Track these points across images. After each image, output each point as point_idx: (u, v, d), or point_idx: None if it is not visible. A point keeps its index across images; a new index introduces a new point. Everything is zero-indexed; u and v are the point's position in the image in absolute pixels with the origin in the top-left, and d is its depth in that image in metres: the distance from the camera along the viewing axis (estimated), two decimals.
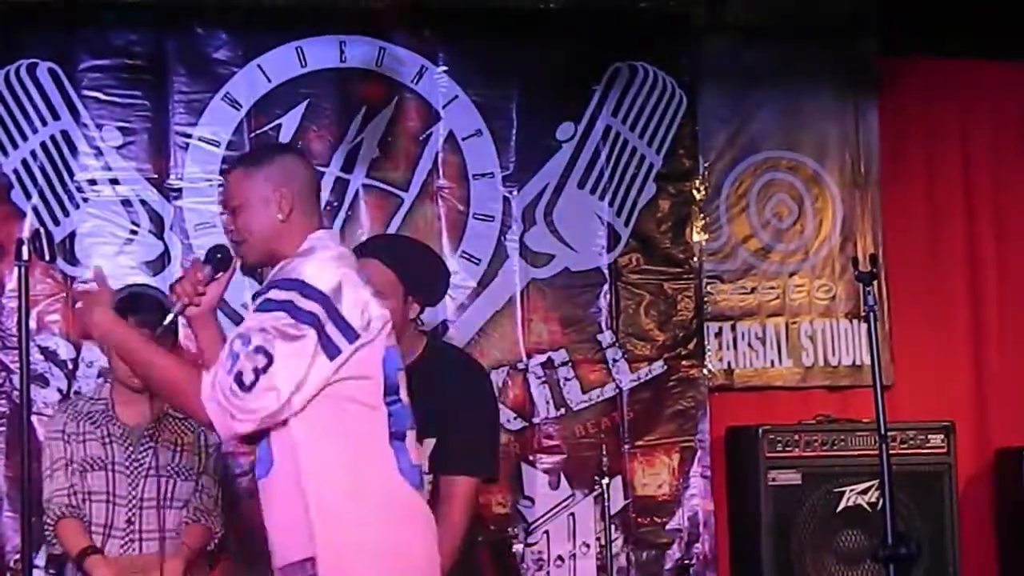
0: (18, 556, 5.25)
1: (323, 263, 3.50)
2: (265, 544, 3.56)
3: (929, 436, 6.00)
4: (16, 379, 5.42)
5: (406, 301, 4.26)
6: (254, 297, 3.59)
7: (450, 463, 4.21)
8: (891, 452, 4.70)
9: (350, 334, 3.43)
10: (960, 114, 6.66)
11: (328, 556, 3.39)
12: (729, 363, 6.39)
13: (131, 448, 4.55)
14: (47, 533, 4.51)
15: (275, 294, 3.44)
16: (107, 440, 4.56)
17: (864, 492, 5.83)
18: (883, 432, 4.62)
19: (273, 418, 3.38)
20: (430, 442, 4.17)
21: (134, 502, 4.51)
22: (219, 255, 3.69)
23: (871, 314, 4.66)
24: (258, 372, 3.34)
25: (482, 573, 4.42)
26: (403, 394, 3.59)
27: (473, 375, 4.47)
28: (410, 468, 3.53)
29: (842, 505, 5.88)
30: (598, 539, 5.98)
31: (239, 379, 3.35)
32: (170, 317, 3.70)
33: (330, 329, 3.41)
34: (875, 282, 4.82)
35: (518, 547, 5.80)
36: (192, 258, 3.80)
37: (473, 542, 4.31)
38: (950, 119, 6.65)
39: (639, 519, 6.11)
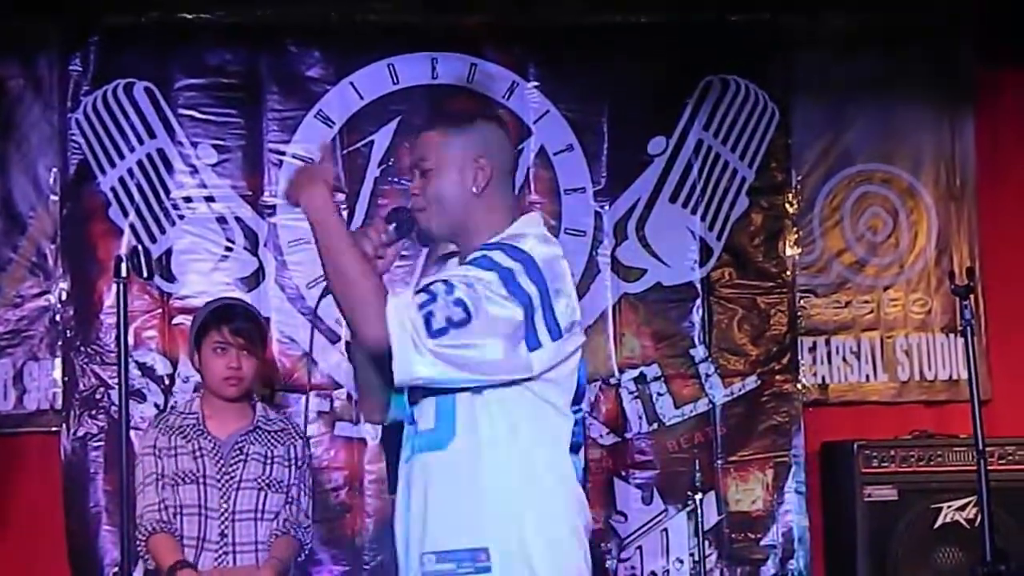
0: (116, 570, 5.32)
1: (550, 249, 3.29)
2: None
3: None
4: (114, 395, 5.52)
5: None
6: (465, 256, 3.34)
7: None
8: (989, 468, 4.65)
9: (555, 331, 3.24)
10: None
11: (504, 551, 3.22)
12: (823, 378, 6.34)
13: (222, 461, 4.59)
14: (139, 548, 4.56)
15: (499, 256, 3.21)
16: (198, 454, 4.60)
17: (962, 508, 5.76)
18: (981, 447, 4.58)
19: (452, 378, 3.17)
20: None
21: (227, 515, 4.55)
22: (403, 217, 3.42)
23: (968, 328, 4.62)
24: (451, 322, 3.12)
25: None
26: (585, 404, 3.47)
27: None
28: (584, 478, 3.41)
29: (939, 522, 5.81)
30: (691, 555, 5.94)
31: (427, 320, 3.11)
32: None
33: (538, 319, 3.20)
34: (972, 295, 4.78)
35: (611, 562, 5.78)
36: (377, 219, 3.64)
37: None
38: None
39: (733, 535, 6.08)
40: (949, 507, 5.80)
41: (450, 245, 3.50)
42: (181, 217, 5.83)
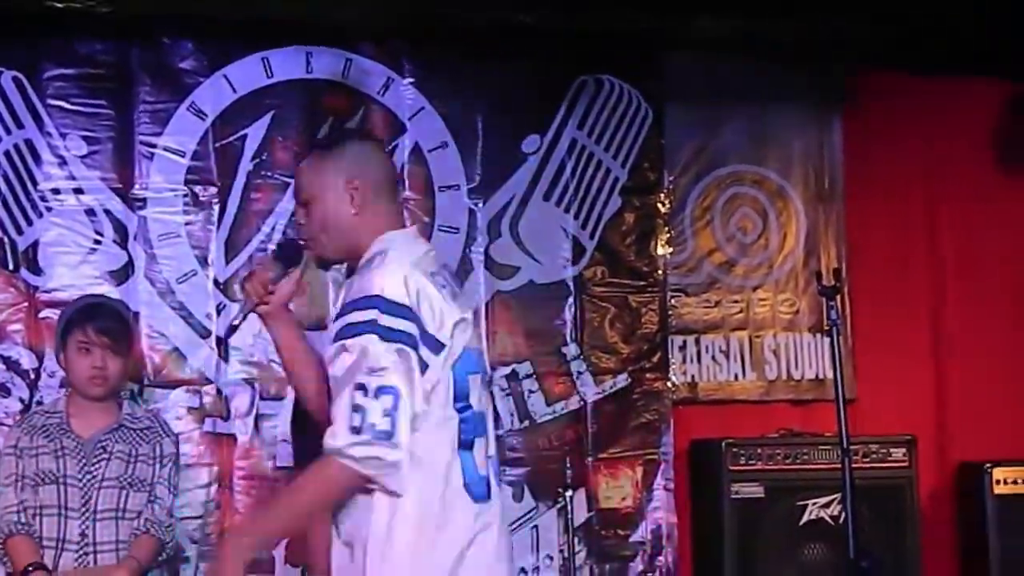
0: None
1: (395, 272, 3.33)
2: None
3: (891, 450, 6.02)
4: None
5: None
6: (336, 322, 3.39)
7: None
8: (853, 466, 4.73)
9: (436, 346, 3.31)
10: (924, 129, 6.68)
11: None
12: (693, 376, 6.40)
13: (84, 460, 4.52)
14: None
15: (356, 316, 3.28)
16: (60, 453, 4.53)
17: (827, 505, 5.85)
18: (846, 446, 4.65)
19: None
20: None
21: (87, 514, 4.49)
22: (289, 250, 3.59)
23: (834, 328, 4.69)
24: (392, 413, 3.21)
25: None
26: (474, 400, 3.44)
27: None
28: (477, 480, 3.40)
29: (805, 518, 5.90)
30: (561, 551, 5.97)
31: (374, 431, 3.20)
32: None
33: (422, 346, 3.28)
34: (838, 296, 4.85)
35: None
36: (260, 255, 3.67)
37: None
38: (915, 134, 6.67)
39: (602, 531, 6.11)
40: (814, 504, 5.88)
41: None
42: (49, 209, 5.72)
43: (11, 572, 4.54)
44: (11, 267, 5.63)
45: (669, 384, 6.26)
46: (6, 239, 5.65)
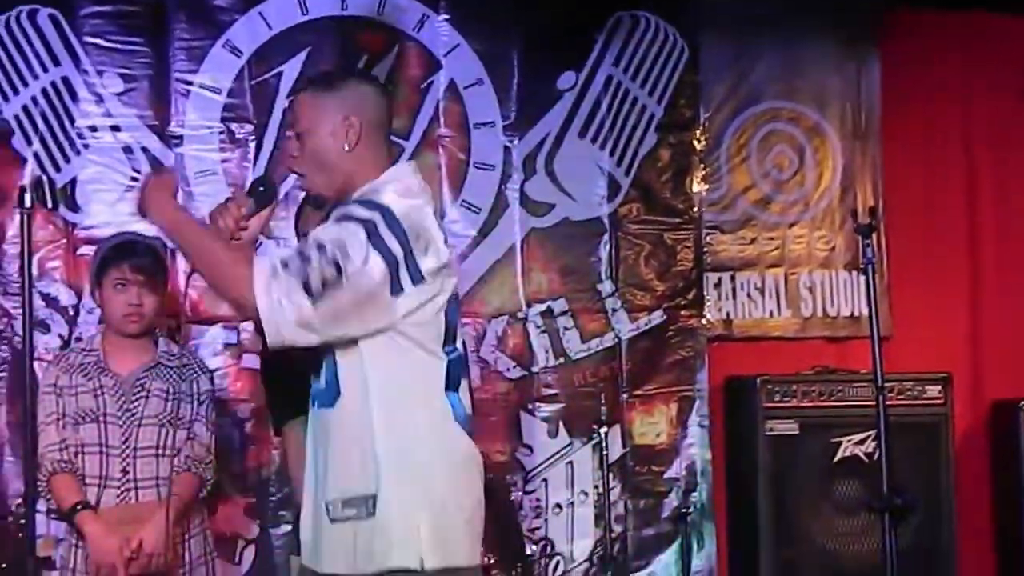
0: (19, 501, 5.28)
1: (406, 197, 3.41)
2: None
3: (926, 387, 6.02)
4: (18, 325, 5.45)
5: None
6: (335, 210, 3.46)
7: None
8: (888, 403, 4.73)
9: (417, 276, 3.36)
10: (962, 66, 6.65)
11: (390, 497, 3.36)
12: (728, 313, 6.41)
13: (123, 398, 4.55)
14: (40, 488, 4.51)
15: (358, 211, 3.35)
16: (99, 392, 4.56)
17: (861, 443, 5.86)
18: (880, 383, 4.65)
19: (327, 340, 3.31)
20: None
21: (128, 451, 4.52)
22: (262, 188, 3.60)
23: (869, 266, 4.68)
24: (327, 284, 3.25)
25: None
26: (459, 342, 3.54)
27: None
28: (464, 418, 3.50)
29: (839, 455, 5.91)
30: (596, 487, 6.01)
31: (307, 286, 3.25)
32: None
33: (401, 267, 3.33)
34: (874, 234, 4.84)
35: (516, 494, 5.83)
36: (235, 190, 3.70)
37: None
38: (952, 71, 6.64)
39: (637, 468, 6.14)
40: (849, 441, 5.90)
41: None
42: (86, 146, 5.74)
43: (55, 508, 4.59)
44: (49, 204, 5.61)
45: (704, 321, 6.27)
46: (44, 177, 5.67)
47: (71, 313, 5.66)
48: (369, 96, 3.59)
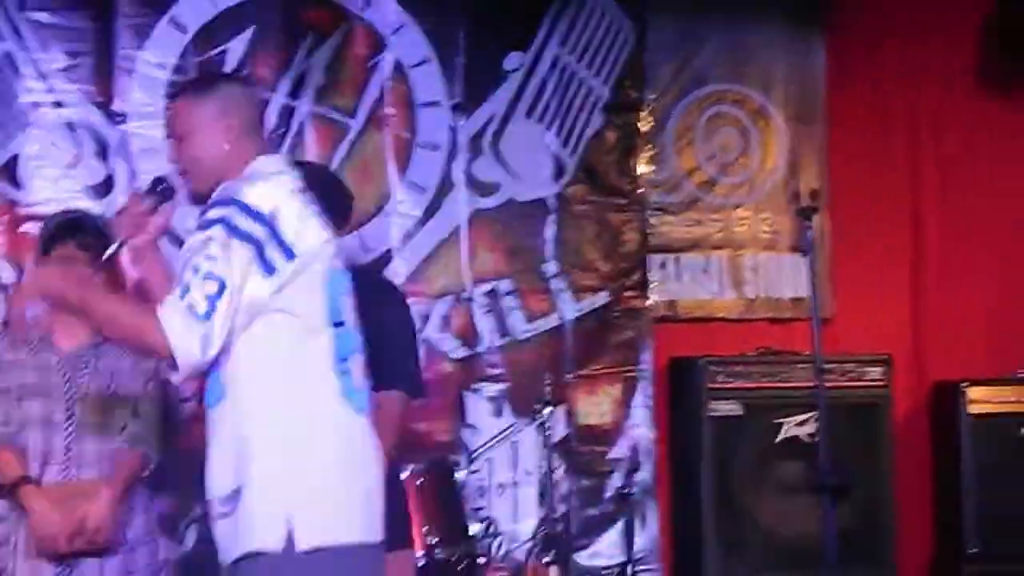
0: None
1: (263, 186, 3.51)
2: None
3: (867, 369, 6.08)
4: None
5: None
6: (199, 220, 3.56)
7: (374, 380, 4.24)
8: (829, 384, 4.79)
9: (287, 252, 3.45)
10: (908, 49, 6.67)
11: (260, 486, 3.41)
12: (673, 294, 6.43)
13: (69, 373, 4.53)
14: None
15: (213, 212, 3.45)
16: (44, 366, 4.54)
17: (803, 423, 5.90)
18: (820, 365, 4.70)
19: (223, 342, 3.40)
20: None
21: (71, 428, 4.50)
22: (161, 186, 3.69)
23: (810, 248, 4.71)
24: (212, 299, 3.36)
25: (423, 498, 4.49)
26: (348, 316, 3.60)
27: (390, 295, 4.55)
28: (355, 392, 3.54)
29: (781, 436, 5.96)
30: (540, 467, 6.02)
31: (192, 309, 3.36)
32: (112, 248, 3.69)
33: (269, 248, 3.42)
34: (816, 216, 4.88)
35: (460, 474, 5.83)
36: (134, 189, 3.81)
37: (399, 459, 4.37)
38: (898, 54, 6.67)
39: (581, 448, 6.17)
40: (791, 422, 5.94)
41: None
42: (29, 123, 5.71)
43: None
44: None
45: (649, 302, 6.29)
46: None
47: (11, 290, 5.63)
48: (242, 96, 3.72)
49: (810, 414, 5.77)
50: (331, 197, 4.46)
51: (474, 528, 5.65)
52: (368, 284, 4.47)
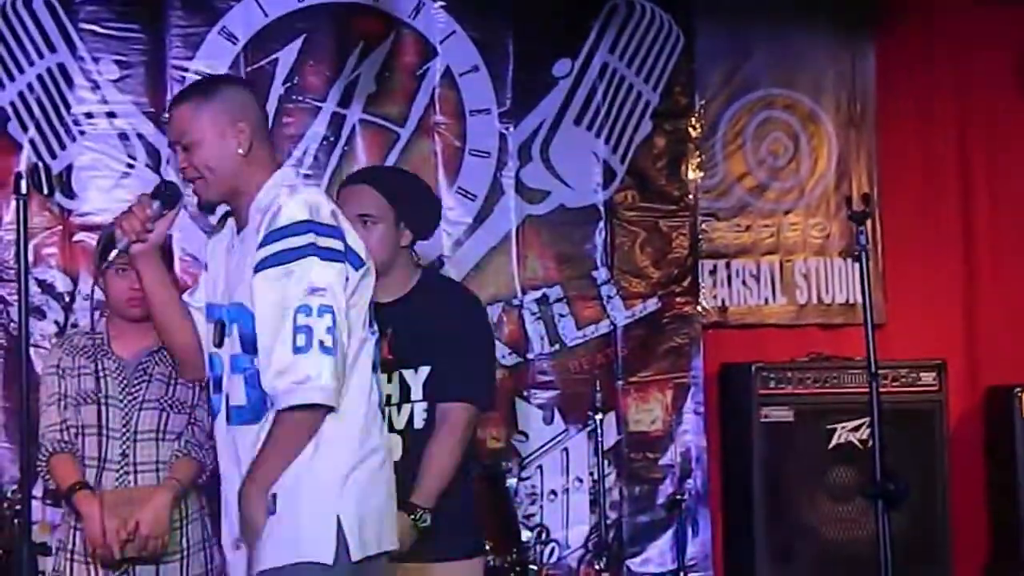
0: (15, 487, 5.29)
1: (313, 198, 3.47)
2: None
3: (921, 374, 6.04)
4: (14, 311, 5.46)
5: (397, 227, 4.31)
6: (261, 249, 3.46)
7: (446, 390, 4.27)
8: (882, 390, 4.73)
9: (356, 261, 3.47)
10: (957, 54, 6.65)
11: (310, 497, 3.44)
12: (723, 300, 6.42)
13: (125, 381, 4.56)
14: (39, 468, 4.52)
15: (291, 242, 3.39)
16: (102, 374, 4.56)
17: (855, 429, 5.88)
18: (874, 370, 4.66)
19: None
20: (424, 370, 4.25)
21: (128, 434, 4.53)
22: (168, 191, 3.64)
23: (863, 253, 4.69)
24: (331, 331, 3.35)
25: (476, 505, 4.49)
26: (374, 325, 3.63)
27: (468, 306, 4.53)
28: (380, 399, 3.65)
29: (833, 442, 5.93)
30: (591, 474, 6.03)
31: (322, 347, 3.34)
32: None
33: (346, 255, 3.44)
34: (868, 221, 4.85)
35: (512, 481, 5.83)
36: (141, 193, 3.80)
37: (468, 470, 4.37)
38: (946, 60, 6.65)
39: (632, 454, 6.16)
40: (843, 428, 5.91)
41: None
42: (82, 133, 5.75)
43: (55, 489, 4.59)
44: (45, 191, 5.60)
45: (699, 308, 6.28)
46: (40, 163, 5.68)
47: (67, 300, 5.68)
48: (248, 99, 3.65)
49: (863, 420, 5.74)
50: (422, 205, 4.52)
51: (526, 535, 5.66)
52: (448, 293, 4.52)
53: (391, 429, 4.34)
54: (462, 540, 4.35)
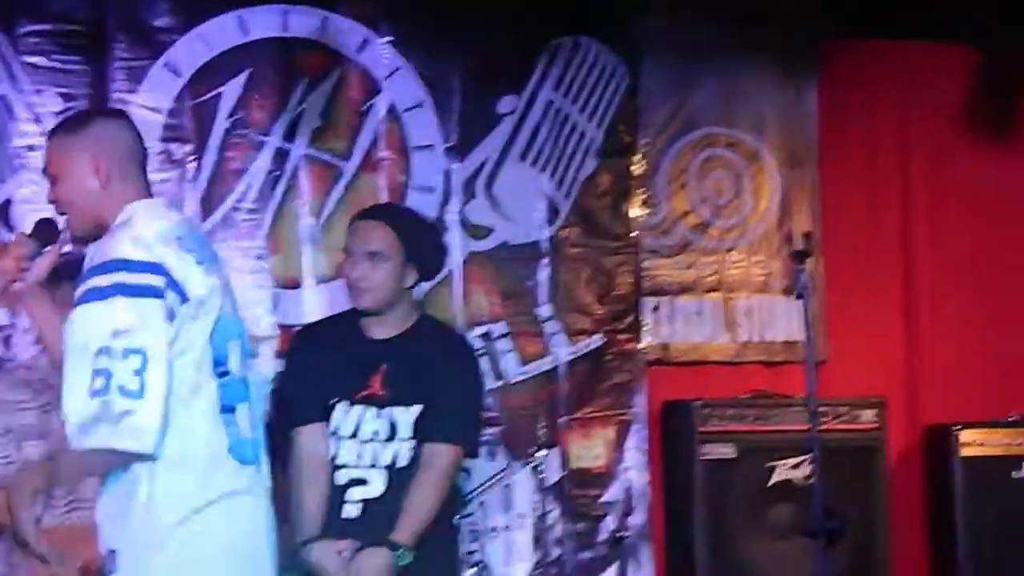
0: None
1: (140, 234, 3.43)
2: None
3: (861, 412, 6.07)
4: None
5: (404, 266, 4.37)
6: (78, 288, 3.44)
7: (435, 431, 4.32)
8: (823, 427, 4.78)
9: (183, 296, 3.40)
10: (899, 94, 6.71)
11: (139, 551, 3.40)
12: (666, 337, 6.43)
13: None
14: None
15: (98, 281, 3.36)
16: (46, 408, 4.54)
17: (796, 467, 5.90)
18: (814, 408, 4.69)
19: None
20: (416, 409, 4.30)
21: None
22: (44, 228, 3.65)
23: (804, 291, 4.72)
24: (139, 373, 3.27)
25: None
26: (234, 365, 3.55)
27: (464, 352, 4.65)
28: (241, 443, 3.52)
29: (774, 479, 5.95)
30: (534, 510, 6.02)
31: (124, 391, 3.26)
32: None
33: (170, 296, 3.36)
34: (809, 259, 4.88)
35: (454, 518, 5.81)
36: (17, 232, 3.75)
37: (451, 513, 4.41)
38: (889, 99, 6.70)
39: (575, 491, 6.15)
40: (784, 465, 5.93)
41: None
42: (23, 166, 5.72)
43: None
44: None
45: (642, 345, 6.29)
46: None
47: (5, 333, 5.62)
48: (117, 132, 3.63)
49: (803, 457, 5.75)
50: (431, 247, 4.59)
51: (467, 573, 5.65)
52: (446, 337, 4.57)
53: (374, 465, 4.38)
54: None
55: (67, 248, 4.47)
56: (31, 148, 5.72)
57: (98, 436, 3.27)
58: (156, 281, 3.34)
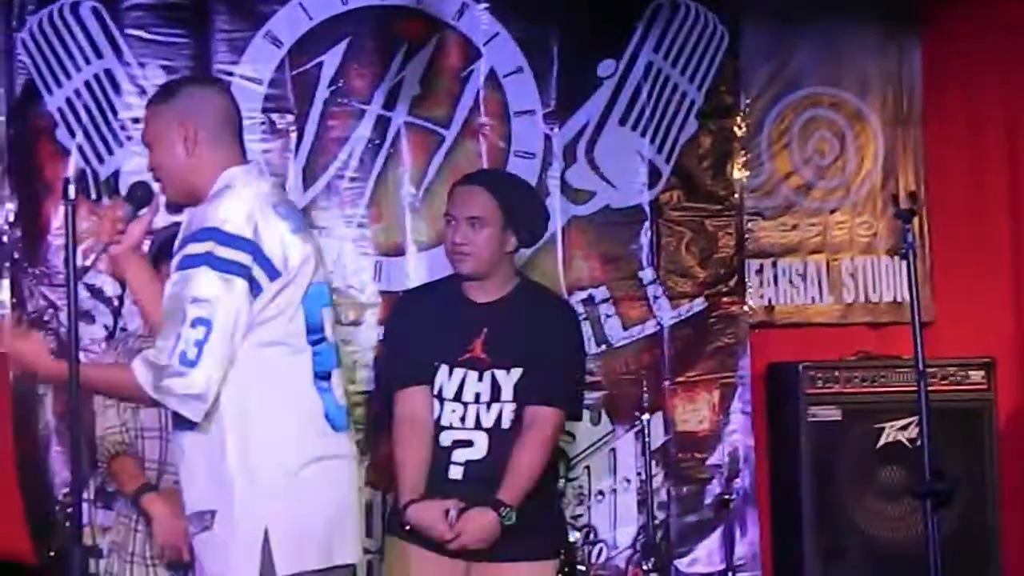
0: (67, 490, 5.33)
1: (236, 204, 3.49)
2: None
3: (969, 372, 6.00)
4: (63, 316, 5.51)
5: (504, 231, 4.40)
6: (177, 253, 3.55)
7: (534, 394, 4.35)
8: (931, 388, 4.71)
9: (272, 272, 3.45)
10: (1005, 50, 6.59)
11: (238, 513, 3.45)
12: (770, 300, 6.40)
13: None
14: (100, 470, 4.55)
15: (192, 248, 3.43)
16: None
17: (904, 428, 5.85)
18: (922, 368, 4.64)
19: (218, 383, 3.42)
20: (516, 372, 4.32)
21: None
22: (139, 191, 3.72)
23: (910, 251, 4.66)
24: (200, 344, 3.36)
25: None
26: (328, 332, 3.60)
27: (566, 315, 4.68)
28: (336, 410, 3.57)
29: (882, 441, 5.90)
30: (639, 474, 6.02)
31: (183, 358, 3.37)
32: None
33: (256, 272, 3.42)
34: (915, 219, 4.83)
35: (559, 482, 5.84)
36: (114, 197, 3.82)
37: (555, 476, 4.45)
38: (995, 55, 6.59)
39: (679, 454, 6.15)
40: (891, 427, 5.89)
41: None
42: (129, 138, 5.77)
43: (113, 491, 4.62)
44: (93, 196, 5.70)
45: (746, 308, 6.26)
46: (88, 169, 5.72)
47: (115, 304, 5.71)
48: (206, 99, 3.68)
49: (911, 419, 5.70)
50: (532, 213, 4.62)
51: (574, 535, 5.67)
52: (547, 301, 4.61)
53: (478, 427, 4.42)
54: (540, 542, 4.43)
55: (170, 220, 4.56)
56: (136, 120, 5.78)
57: (159, 392, 3.42)
58: (243, 259, 3.41)
